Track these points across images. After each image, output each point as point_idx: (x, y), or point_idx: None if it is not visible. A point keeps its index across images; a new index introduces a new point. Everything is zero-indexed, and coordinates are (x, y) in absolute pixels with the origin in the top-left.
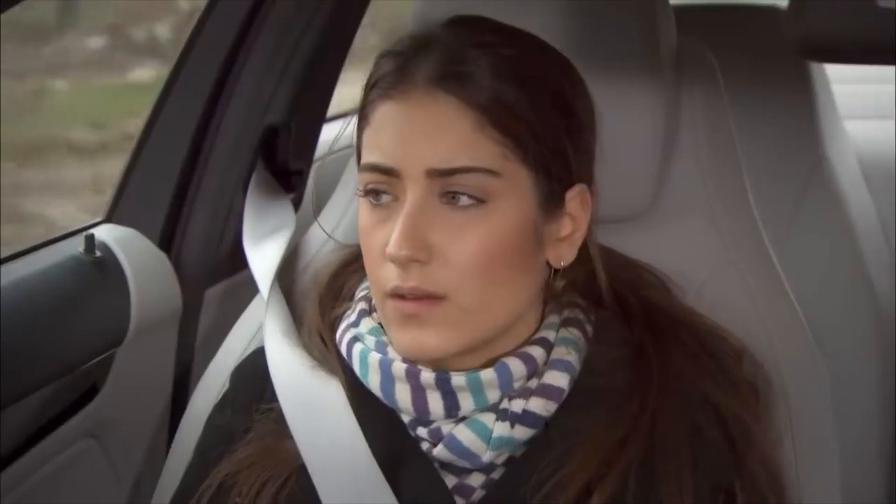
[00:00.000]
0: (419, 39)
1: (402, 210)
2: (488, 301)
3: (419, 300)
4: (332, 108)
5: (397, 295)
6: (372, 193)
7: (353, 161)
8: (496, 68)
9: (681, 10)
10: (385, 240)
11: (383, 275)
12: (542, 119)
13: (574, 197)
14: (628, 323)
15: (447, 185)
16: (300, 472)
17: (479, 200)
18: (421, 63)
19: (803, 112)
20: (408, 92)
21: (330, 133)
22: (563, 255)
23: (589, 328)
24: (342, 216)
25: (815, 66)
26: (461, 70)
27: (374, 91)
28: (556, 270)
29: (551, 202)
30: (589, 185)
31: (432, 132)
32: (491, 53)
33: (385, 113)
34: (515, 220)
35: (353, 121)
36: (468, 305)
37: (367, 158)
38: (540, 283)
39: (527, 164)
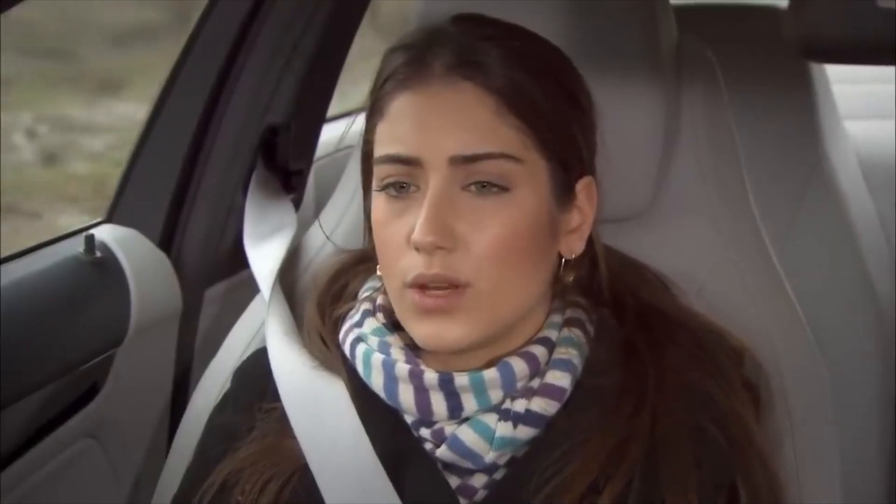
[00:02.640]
0: (428, 33)
1: (423, 199)
2: (508, 289)
3: (441, 296)
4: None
5: (418, 285)
6: (391, 186)
7: (353, 161)
8: (508, 58)
9: (681, 10)
10: (406, 230)
11: (404, 264)
12: (554, 108)
13: (582, 189)
14: (622, 321)
15: (470, 174)
16: (303, 471)
17: (502, 188)
18: (436, 53)
19: (803, 111)
20: (425, 81)
21: (330, 133)
22: (574, 247)
23: (590, 328)
24: (342, 217)
25: (815, 66)
26: (477, 59)
27: (388, 84)
28: (566, 263)
29: (564, 193)
30: (594, 177)
31: (453, 119)
32: (500, 45)
33: (403, 104)
34: (534, 209)
35: (358, 119)
36: (489, 293)
37: (385, 150)
38: (551, 275)
39: (543, 153)
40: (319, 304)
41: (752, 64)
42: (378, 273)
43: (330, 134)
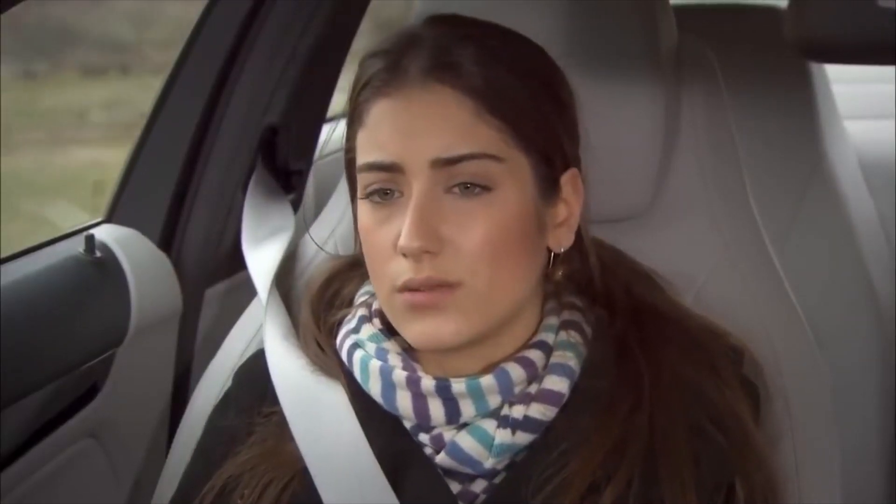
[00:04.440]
0: (404, 37)
1: (407, 204)
2: (499, 286)
3: (432, 291)
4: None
5: (408, 288)
6: (375, 193)
7: None
8: (486, 57)
9: (681, 10)
10: (392, 236)
11: (392, 270)
12: (534, 104)
13: (567, 182)
14: (614, 318)
15: (452, 176)
16: (303, 475)
17: (485, 188)
18: (412, 58)
19: (803, 111)
20: (402, 87)
21: (330, 133)
22: (562, 240)
23: (588, 329)
24: (339, 220)
25: (815, 66)
26: (453, 60)
27: (365, 91)
28: (555, 257)
29: (548, 187)
30: (578, 170)
31: (432, 123)
32: (476, 44)
33: (381, 110)
34: (519, 206)
35: (343, 124)
36: (481, 290)
37: (366, 158)
38: (541, 271)
39: (524, 150)
40: (313, 309)
41: (752, 64)
42: None
43: (330, 134)
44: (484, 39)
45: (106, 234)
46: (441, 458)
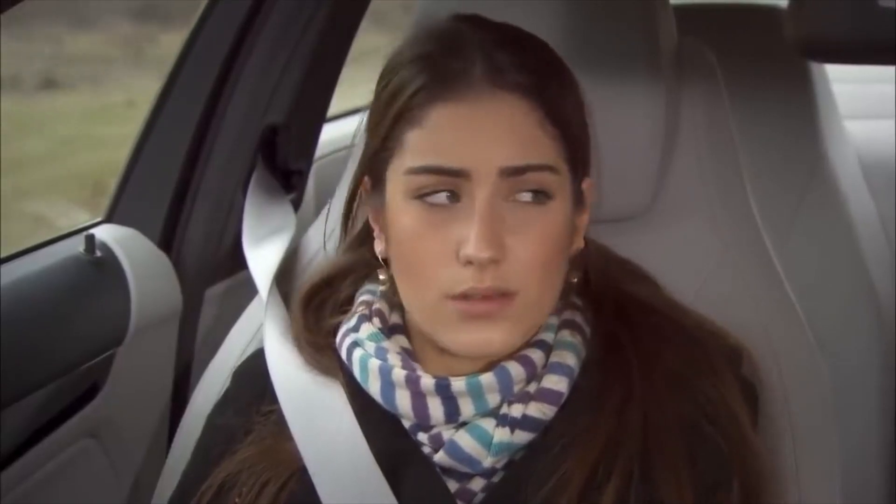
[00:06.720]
0: (449, 38)
1: (466, 211)
2: (546, 294)
3: (492, 301)
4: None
5: (467, 296)
6: (429, 196)
7: (352, 162)
8: (542, 68)
9: (681, 10)
10: (450, 243)
11: (448, 277)
12: (578, 117)
13: (587, 189)
14: (604, 314)
15: (516, 185)
16: (301, 474)
17: (542, 200)
18: (473, 62)
19: (803, 112)
20: (464, 92)
21: (330, 133)
22: (577, 243)
23: (587, 329)
24: (340, 219)
25: (815, 66)
26: (514, 69)
27: (421, 94)
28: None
29: (578, 196)
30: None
31: (501, 130)
32: (529, 52)
33: (441, 115)
34: (564, 215)
35: (359, 119)
36: (533, 299)
37: (425, 161)
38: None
39: (569, 161)
40: (304, 308)
41: (752, 64)
42: (381, 277)
43: (330, 134)
44: (533, 50)
45: (106, 233)
46: (440, 457)
